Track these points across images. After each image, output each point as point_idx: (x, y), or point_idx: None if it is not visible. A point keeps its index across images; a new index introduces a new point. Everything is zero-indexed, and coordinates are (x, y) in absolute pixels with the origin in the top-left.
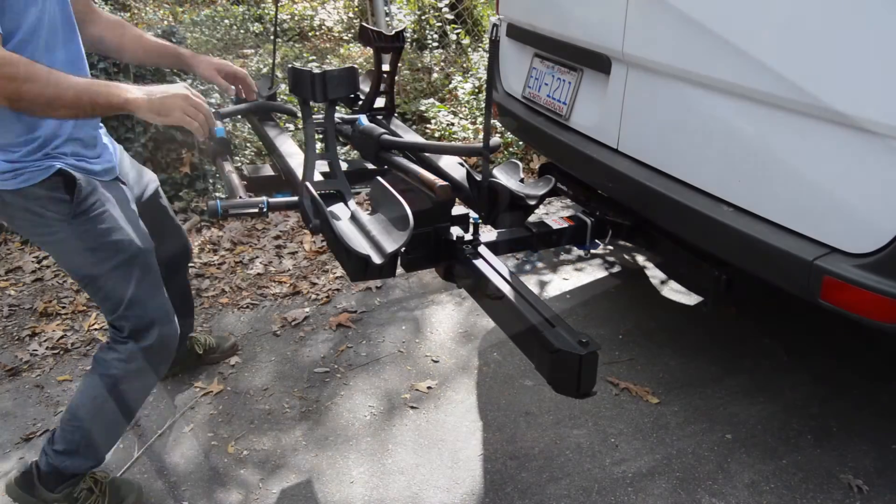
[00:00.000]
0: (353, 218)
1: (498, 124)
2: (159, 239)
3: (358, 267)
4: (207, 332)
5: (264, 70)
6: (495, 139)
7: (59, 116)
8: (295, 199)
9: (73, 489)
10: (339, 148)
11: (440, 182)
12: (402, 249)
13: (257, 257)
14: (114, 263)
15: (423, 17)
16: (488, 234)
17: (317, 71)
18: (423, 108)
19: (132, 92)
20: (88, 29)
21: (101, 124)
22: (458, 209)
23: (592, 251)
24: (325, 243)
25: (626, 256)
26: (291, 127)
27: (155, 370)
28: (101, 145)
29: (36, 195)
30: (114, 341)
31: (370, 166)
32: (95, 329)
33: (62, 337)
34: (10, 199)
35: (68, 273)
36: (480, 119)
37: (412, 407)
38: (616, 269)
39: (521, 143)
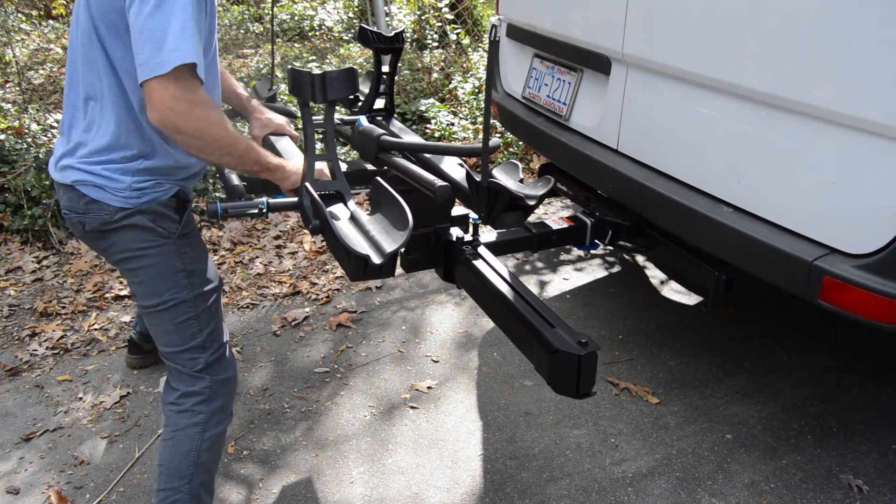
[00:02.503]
0: (353, 218)
1: (498, 124)
2: None
3: (357, 267)
4: None
5: (264, 70)
6: (495, 140)
7: (220, 162)
8: (295, 199)
9: None
10: (338, 149)
11: (439, 183)
12: (402, 250)
13: (257, 257)
14: (204, 290)
15: (423, 17)
16: (488, 234)
17: (316, 72)
18: (423, 108)
19: (282, 160)
20: None
21: None
22: (458, 210)
23: (592, 251)
24: (324, 243)
25: (626, 256)
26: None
27: (228, 412)
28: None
29: (152, 210)
30: (185, 383)
31: (370, 167)
32: (95, 329)
33: (62, 337)
34: (122, 217)
35: (153, 296)
36: (480, 119)
37: (412, 407)
38: (616, 269)
39: (521, 143)
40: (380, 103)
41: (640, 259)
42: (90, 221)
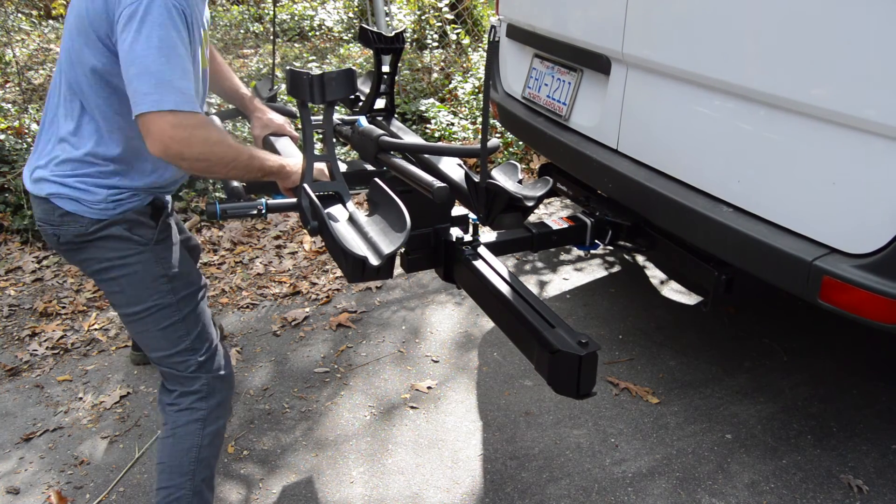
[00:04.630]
0: (351, 219)
1: (498, 124)
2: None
3: (355, 268)
4: None
5: (264, 70)
6: (495, 140)
7: (228, 177)
8: (294, 200)
9: None
10: (338, 149)
11: (438, 183)
12: (402, 250)
13: (257, 257)
14: (186, 293)
15: (423, 17)
16: (488, 234)
17: (315, 73)
18: (423, 108)
19: (281, 160)
20: None
21: None
22: (458, 210)
23: (592, 251)
24: (324, 244)
25: (626, 256)
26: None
27: (227, 408)
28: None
29: (127, 219)
30: (181, 384)
31: (369, 167)
32: (95, 329)
33: (62, 337)
34: (97, 228)
35: (135, 304)
36: (480, 119)
37: (412, 407)
38: (616, 269)
39: (520, 143)
40: (380, 103)
41: (640, 259)
42: (65, 234)
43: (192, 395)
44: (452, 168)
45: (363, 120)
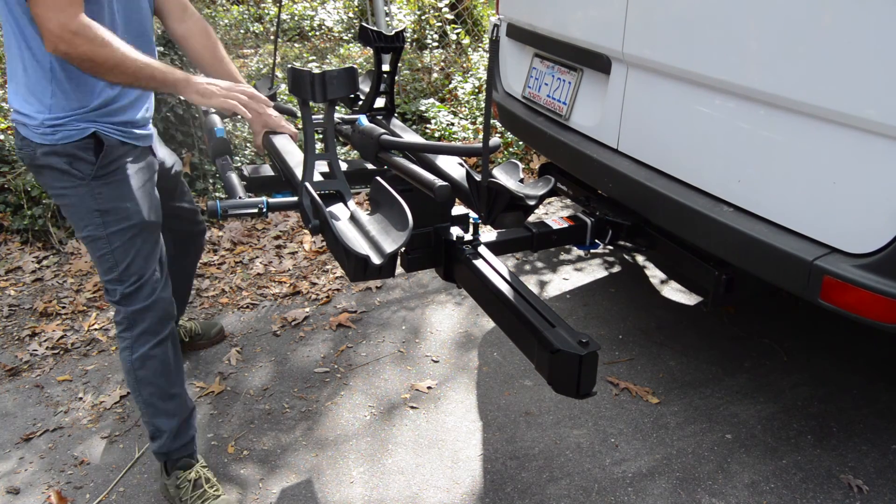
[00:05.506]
0: (353, 218)
1: (498, 124)
2: (175, 214)
3: (357, 267)
4: (193, 320)
5: (264, 70)
6: (495, 139)
7: (117, 82)
8: (294, 199)
9: (179, 477)
10: (338, 148)
11: (439, 182)
12: (402, 250)
13: (257, 257)
14: (118, 228)
15: (423, 17)
16: (488, 234)
17: (316, 71)
18: (423, 108)
19: (188, 75)
20: (173, 25)
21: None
22: (458, 209)
23: (592, 251)
24: (324, 243)
25: (626, 256)
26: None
27: (156, 334)
28: (149, 127)
29: (67, 152)
30: (114, 312)
31: (370, 166)
32: (95, 329)
33: (62, 337)
34: (42, 154)
35: (75, 230)
36: (480, 119)
37: (412, 407)
38: (616, 269)
39: (521, 143)
40: (380, 102)
41: (640, 259)
42: (24, 158)
43: (119, 325)
44: (453, 167)
45: (364, 119)
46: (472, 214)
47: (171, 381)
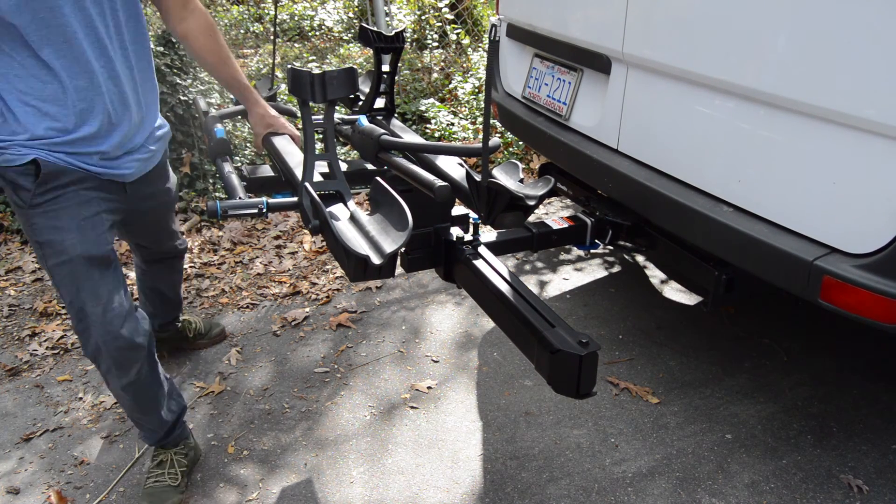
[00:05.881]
0: (353, 218)
1: (498, 124)
2: (155, 241)
3: (357, 268)
4: (199, 317)
5: (264, 70)
6: (495, 140)
7: None
8: (294, 199)
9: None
10: (338, 148)
11: (439, 183)
12: (402, 250)
13: (257, 257)
14: (54, 262)
15: (423, 17)
16: (488, 234)
17: (316, 72)
18: (423, 108)
19: None
20: (175, 23)
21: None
22: (458, 210)
23: (592, 251)
24: (324, 243)
25: (626, 256)
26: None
27: (120, 375)
28: (130, 166)
29: (10, 178)
30: None
31: (370, 167)
32: None
33: (62, 337)
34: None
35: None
36: (480, 119)
37: (412, 407)
38: (616, 269)
39: (521, 143)
40: (380, 103)
41: (640, 259)
42: None
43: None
44: (453, 167)
45: (364, 119)
46: (472, 214)
47: (148, 408)
